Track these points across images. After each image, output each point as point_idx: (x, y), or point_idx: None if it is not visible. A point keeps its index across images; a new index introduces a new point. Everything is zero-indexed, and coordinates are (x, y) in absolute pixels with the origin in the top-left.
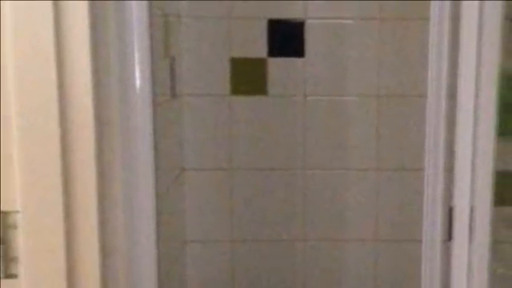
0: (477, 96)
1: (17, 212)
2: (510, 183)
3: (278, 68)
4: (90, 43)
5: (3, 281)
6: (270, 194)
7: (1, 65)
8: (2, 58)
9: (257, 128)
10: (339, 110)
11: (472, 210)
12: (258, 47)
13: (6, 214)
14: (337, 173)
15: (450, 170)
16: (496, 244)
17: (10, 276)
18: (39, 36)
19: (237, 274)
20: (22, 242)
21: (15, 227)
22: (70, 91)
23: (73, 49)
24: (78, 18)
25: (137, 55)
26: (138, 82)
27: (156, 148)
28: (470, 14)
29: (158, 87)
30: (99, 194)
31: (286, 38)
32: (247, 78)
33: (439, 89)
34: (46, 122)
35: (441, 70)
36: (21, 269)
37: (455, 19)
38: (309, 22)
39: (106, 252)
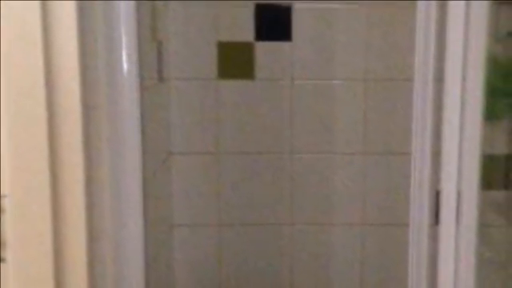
0: (464, 80)
1: (4, 196)
2: (497, 167)
3: (265, 52)
4: (77, 28)
5: None
6: (258, 177)
7: None
8: None
9: (244, 112)
10: (326, 94)
11: (459, 193)
12: (245, 31)
13: None
14: (324, 157)
15: (437, 153)
16: (483, 228)
17: None
18: (26, 21)
19: (224, 258)
20: (9, 226)
21: (3, 211)
22: (57, 76)
23: (60, 33)
24: (65, 2)
25: (124, 39)
26: (125, 66)
27: (143, 132)
28: None
29: (145, 71)
30: (86, 178)
31: (273, 22)
32: (234, 62)
33: (426, 73)
34: (33, 106)
35: (428, 54)
36: (8, 253)
37: (442, 3)
38: (296, 7)
39: (93, 236)
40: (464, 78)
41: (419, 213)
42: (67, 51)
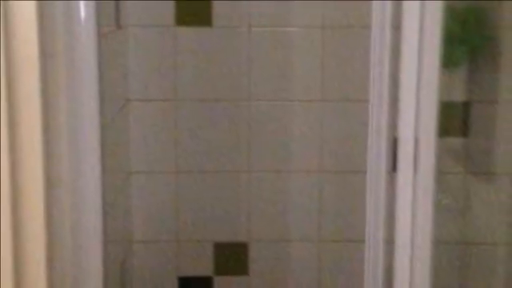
0: (421, 27)
1: None
2: (454, 114)
3: None
4: None
5: None
6: (215, 125)
7: None
8: None
9: (201, 59)
10: (284, 41)
11: (416, 140)
12: None
13: None
14: (281, 104)
15: (394, 101)
16: (440, 175)
17: None
18: None
19: (181, 205)
20: None
21: None
22: (14, 24)
23: None
24: None
25: None
26: (82, 14)
27: (101, 79)
28: None
29: (102, 18)
30: (44, 126)
31: None
32: (192, 8)
33: (384, 20)
34: None
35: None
36: None
37: None
38: None
39: (50, 183)
40: (421, 25)
41: (377, 160)
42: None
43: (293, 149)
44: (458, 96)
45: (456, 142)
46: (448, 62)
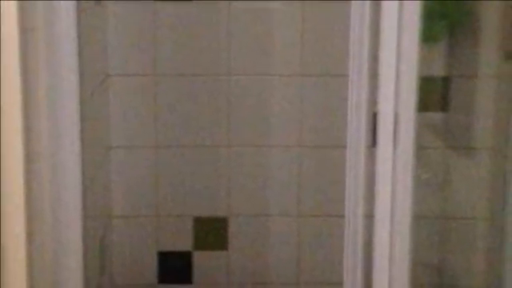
0: (401, 2)
1: None
2: (434, 89)
3: None
4: None
5: None
6: (195, 99)
7: None
8: None
9: (181, 34)
10: (264, 16)
11: (396, 115)
12: None
13: None
14: (261, 78)
15: (374, 75)
16: (420, 150)
17: None
18: None
19: (161, 180)
20: None
21: None
22: None
23: None
24: None
25: None
26: None
27: (80, 54)
28: None
29: None
30: (23, 100)
31: None
32: None
33: None
34: None
35: None
36: None
37: None
38: None
39: (30, 158)
40: (401, 0)
41: (356, 135)
42: None
43: (272, 123)
44: (438, 71)
45: (435, 116)
46: (427, 36)
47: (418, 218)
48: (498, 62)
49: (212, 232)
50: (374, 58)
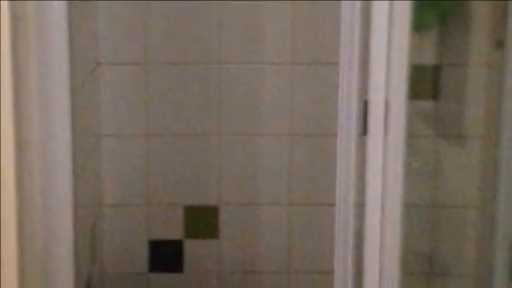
0: None
1: None
2: (425, 77)
3: None
4: None
5: None
6: (185, 88)
7: None
8: None
9: (172, 22)
10: (254, 4)
11: (387, 104)
12: None
13: None
14: (252, 67)
15: (365, 64)
16: (411, 138)
17: None
18: None
19: (151, 168)
20: None
21: None
22: None
23: None
24: None
25: None
26: None
27: (71, 42)
28: None
29: None
30: (14, 89)
31: None
32: None
33: None
34: None
35: None
36: None
37: None
38: None
39: (20, 146)
40: None
41: (347, 123)
42: None
43: (263, 112)
44: (429, 59)
45: (426, 105)
46: (419, 25)
47: (409, 207)
48: (489, 51)
49: (203, 220)
50: (365, 47)
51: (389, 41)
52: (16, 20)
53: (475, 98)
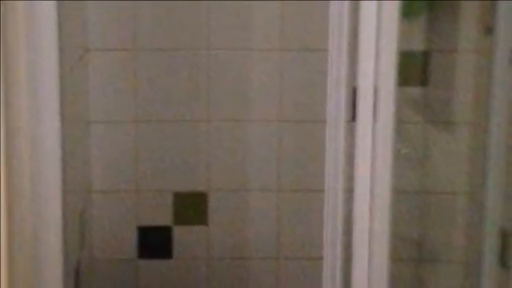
0: None
1: None
2: (413, 63)
3: None
4: None
5: None
6: (174, 74)
7: None
8: None
9: (160, 8)
10: None
11: (376, 90)
12: None
13: None
14: (241, 53)
15: (354, 50)
16: (400, 124)
17: None
18: None
19: (140, 155)
20: None
21: None
22: None
23: None
24: None
25: None
26: None
27: (60, 28)
28: None
29: None
30: (3, 76)
31: None
32: None
33: None
34: None
35: None
36: None
37: None
38: None
39: (9, 133)
40: None
41: (336, 109)
42: None
43: (252, 98)
44: (418, 45)
45: (415, 91)
46: (408, 11)
47: (398, 193)
48: (478, 37)
49: (192, 207)
50: (354, 33)
51: (378, 27)
52: (5, 7)
53: (464, 84)
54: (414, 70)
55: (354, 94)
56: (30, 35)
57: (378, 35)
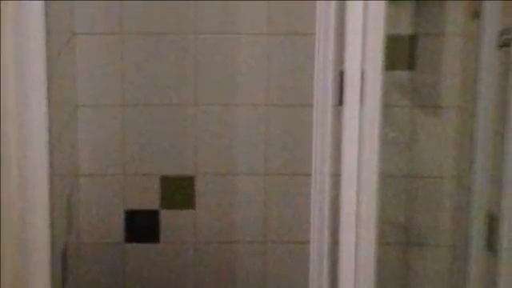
0: None
1: None
2: (400, 47)
3: None
4: None
5: None
6: (162, 58)
7: None
8: None
9: None
10: None
11: (363, 74)
12: None
13: None
14: (228, 37)
15: (341, 34)
16: (387, 108)
17: None
18: None
19: (128, 138)
20: None
21: None
22: None
23: None
24: None
25: None
26: None
27: (46, 12)
28: None
29: None
30: None
31: None
32: None
33: None
34: None
35: None
36: None
37: None
38: None
39: None
40: None
41: (323, 93)
42: None
43: (239, 82)
44: (405, 29)
45: (402, 75)
46: None
47: (385, 177)
48: (465, 21)
49: (179, 191)
50: (341, 17)
51: (364, 11)
52: None
53: (451, 69)
54: (401, 53)
55: (340, 77)
56: (16, 19)
57: (365, 19)
